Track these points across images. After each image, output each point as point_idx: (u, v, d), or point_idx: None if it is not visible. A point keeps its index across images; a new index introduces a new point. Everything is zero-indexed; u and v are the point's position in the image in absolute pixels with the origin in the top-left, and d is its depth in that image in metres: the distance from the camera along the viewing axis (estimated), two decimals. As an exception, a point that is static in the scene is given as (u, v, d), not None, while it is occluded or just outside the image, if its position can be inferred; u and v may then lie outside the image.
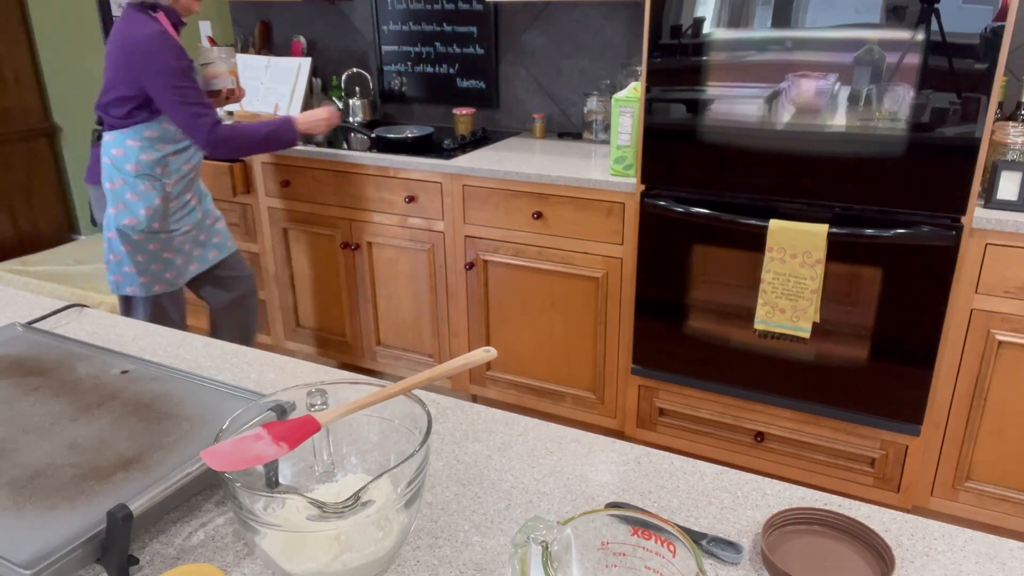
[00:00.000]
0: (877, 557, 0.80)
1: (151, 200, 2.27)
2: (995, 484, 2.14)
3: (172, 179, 2.29)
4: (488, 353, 0.85)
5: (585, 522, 0.66)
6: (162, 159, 2.25)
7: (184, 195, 2.35)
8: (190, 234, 2.41)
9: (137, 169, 2.24)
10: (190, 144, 2.30)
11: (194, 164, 2.36)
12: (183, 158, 2.31)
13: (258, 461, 0.74)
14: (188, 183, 2.35)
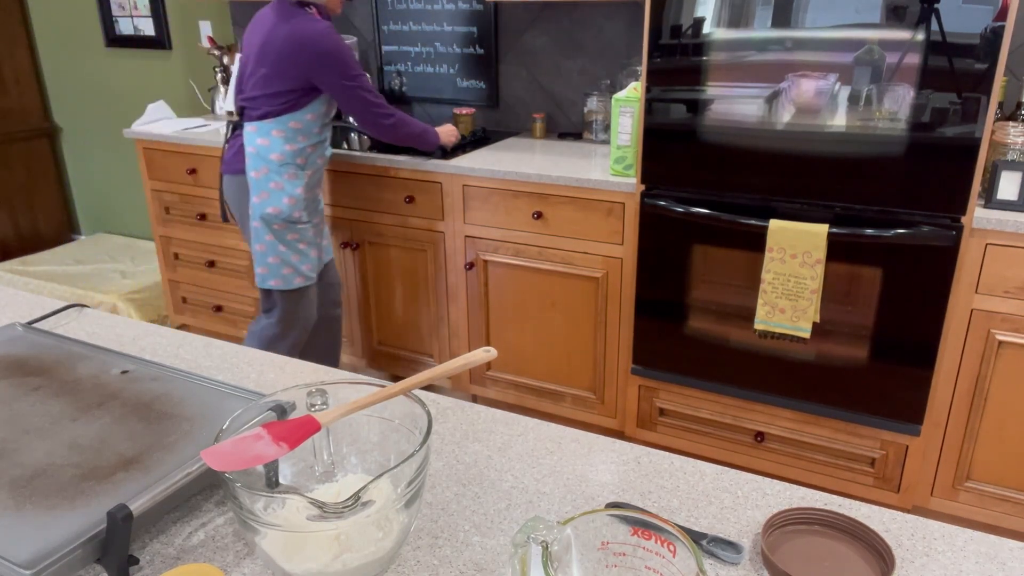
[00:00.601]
0: (877, 557, 0.80)
1: (293, 189, 2.33)
2: (995, 484, 2.14)
3: (310, 170, 2.36)
4: (488, 353, 0.85)
5: (585, 522, 0.66)
6: (302, 150, 2.33)
7: (316, 188, 2.44)
8: (320, 227, 2.51)
9: (281, 159, 2.30)
10: (325, 138, 2.42)
11: (327, 158, 2.46)
12: (319, 151, 2.39)
13: (258, 461, 0.74)
14: (320, 176, 2.45)
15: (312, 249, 2.46)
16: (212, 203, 3.16)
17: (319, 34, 2.20)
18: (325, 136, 2.43)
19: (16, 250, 4.28)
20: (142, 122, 3.30)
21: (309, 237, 2.43)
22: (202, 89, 3.74)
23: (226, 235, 3.18)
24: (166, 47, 3.78)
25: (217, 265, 3.26)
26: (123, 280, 3.65)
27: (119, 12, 3.85)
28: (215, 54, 3.43)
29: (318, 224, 2.50)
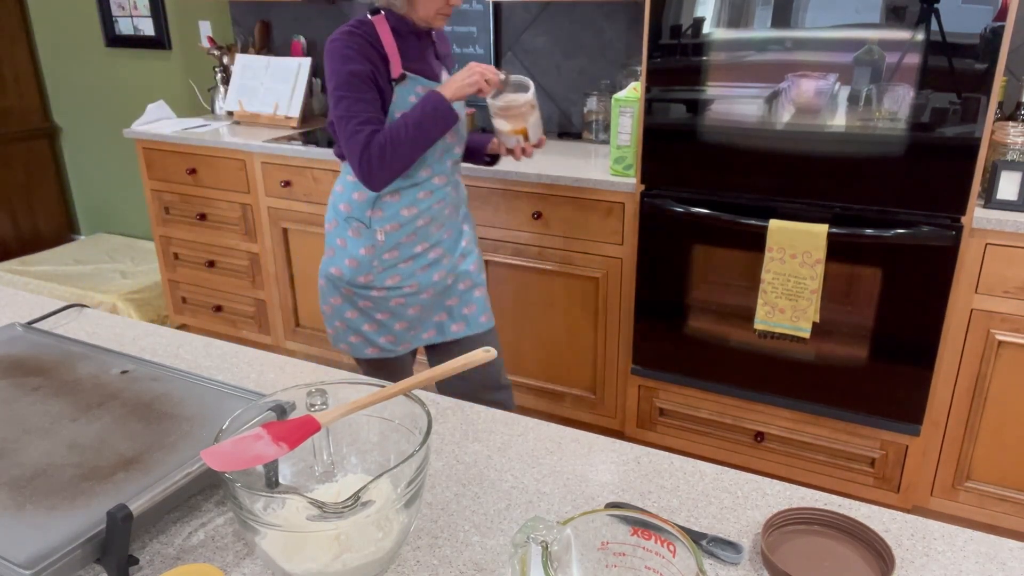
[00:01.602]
0: (877, 557, 0.80)
1: (355, 250, 1.84)
2: (995, 484, 2.14)
3: (386, 226, 1.81)
4: (488, 353, 0.85)
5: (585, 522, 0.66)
6: (375, 201, 1.81)
7: (409, 246, 1.84)
8: (420, 296, 1.89)
9: (348, 210, 1.84)
10: (418, 183, 1.80)
11: (423, 210, 1.83)
12: (403, 202, 1.80)
13: (258, 461, 0.74)
14: (415, 233, 1.83)
15: (398, 321, 1.90)
16: (212, 203, 3.16)
17: (329, 40, 1.71)
18: (416, 180, 1.80)
19: (16, 250, 4.28)
20: (142, 122, 3.30)
21: (393, 307, 1.87)
22: (202, 89, 3.74)
23: (226, 235, 3.18)
24: (166, 47, 3.78)
25: (217, 265, 3.26)
26: (123, 280, 3.65)
27: (119, 12, 3.85)
28: (215, 54, 3.43)
29: (418, 293, 1.88)
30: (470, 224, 2.00)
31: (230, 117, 3.40)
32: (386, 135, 1.65)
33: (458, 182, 1.93)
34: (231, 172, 3.04)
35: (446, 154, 1.84)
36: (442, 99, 1.67)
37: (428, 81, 1.75)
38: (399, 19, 1.71)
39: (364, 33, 1.68)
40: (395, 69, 1.71)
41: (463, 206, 1.97)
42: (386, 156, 1.67)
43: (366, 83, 1.67)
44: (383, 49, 1.70)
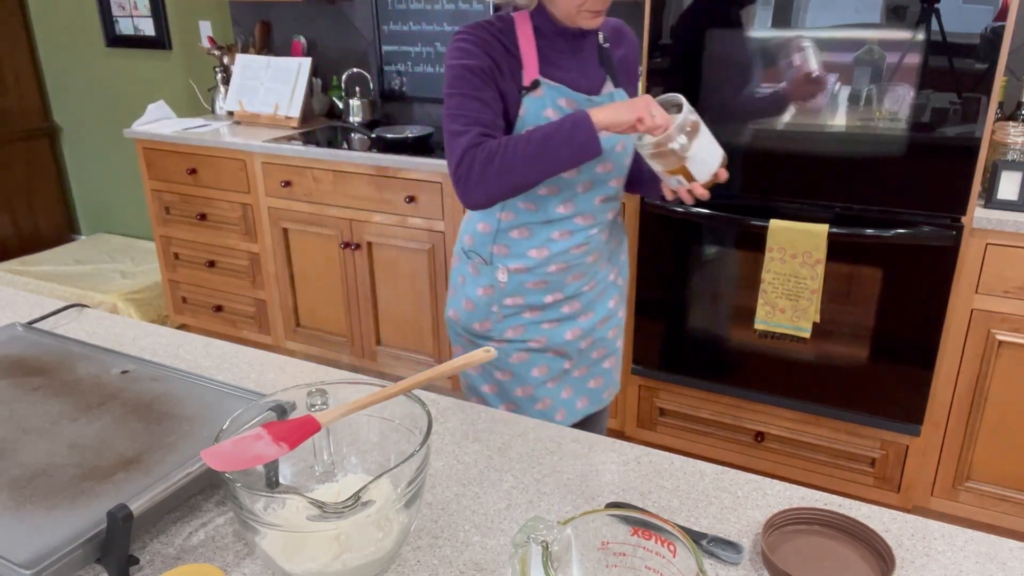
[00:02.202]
0: (877, 557, 0.80)
1: (473, 290, 1.52)
2: (995, 484, 2.14)
3: (510, 265, 1.47)
4: (488, 353, 0.85)
5: (585, 522, 0.66)
6: (501, 234, 1.47)
7: (537, 295, 1.47)
8: (546, 355, 1.51)
9: (471, 243, 1.53)
10: (551, 220, 1.43)
11: (556, 254, 1.44)
12: (533, 241, 1.45)
13: (258, 461, 0.74)
14: (545, 280, 1.46)
15: (519, 386, 1.53)
16: (212, 203, 3.16)
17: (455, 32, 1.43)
18: (549, 216, 1.42)
19: (16, 250, 4.28)
20: (142, 122, 3.30)
21: (511, 365, 1.51)
22: (202, 89, 3.74)
23: (226, 235, 3.18)
24: (166, 47, 3.78)
25: (217, 265, 3.26)
26: (123, 280, 3.65)
27: (119, 12, 3.85)
28: (215, 54, 3.43)
29: (545, 351, 1.51)
30: (624, 277, 1.61)
31: (230, 117, 3.40)
32: (499, 143, 1.29)
33: (613, 225, 1.51)
34: (231, 172, 3.04)
35: (594, 188, 1.42)
36: (587, 121, 1.25)
37: (575, 93, 1.37)
38: (544, 17, 1.37)
39: (496, 28, 1.38)
40: (528, 73, 1.35)
41: (620, 254, 1.57)
42: (490, 168, 1.28)
43: (483, 80, 1.34)
44: (517, 49, 1.37)
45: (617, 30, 1.50)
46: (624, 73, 1.50)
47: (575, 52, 1.41)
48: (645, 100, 1.25)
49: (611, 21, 1.50)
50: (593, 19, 1.34)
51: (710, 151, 1.28)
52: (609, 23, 1.49)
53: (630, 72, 1.52)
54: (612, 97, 1.43)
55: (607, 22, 1.48)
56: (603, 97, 1.41)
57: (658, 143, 1.24)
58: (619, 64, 1.48)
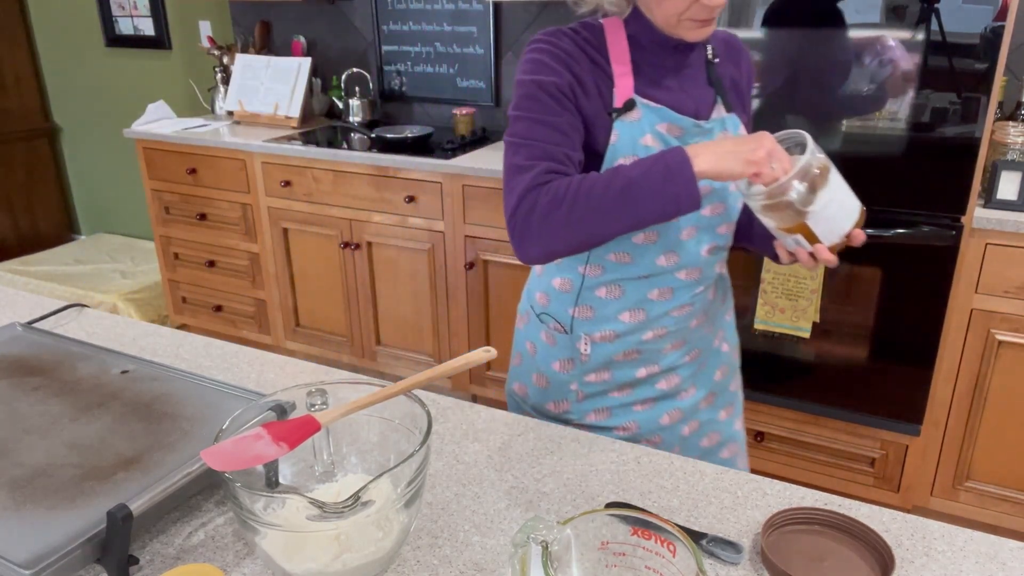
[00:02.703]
0: (877, 557, 0.80)
1: (547, 363, 1.23)
2: (995, 484, 2.14)
3: (596, 333, 1.18)
4: (488, 353, 0.85)
5: (585, 522, 0.66)
6: (585, 293, 1.18)
7: (628, 368, 1.20)
8: (639, 445, 1.12)
9: (544, 303, 1.23)
10: (651, 275, 1.15)
11: (654, 318, 1.16)
12: (626, 301, 1.16)
13: (258, 461, 0.74)
14: (639, 350, 1.18)
15: None
16: (212, 203, 3.16)
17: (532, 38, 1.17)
18: (648, 270, 1.14)
19: (16, 250, 4.28)
20: (142, 122, 3.30)
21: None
22: (202, 89, 3.74)
23: (226, 235, 3.18)
24: (166, 47, 3.78)
25: (217, 265, 3.26)
26: (123, 280, 3.65)
27: (119, 12, 3.85)
28: (215, 54, 3.43)
29: (631, 440, 1.22)
30: (732, 344, 1.31)
31: (230, 117, 3.40)
32: (568, 185, 1.01)
33: (719, 280, 1.24)
34: (231, 172, 3.04)
35: (701, 236, 1.14)
36: (685, 166, 0.97)
37: (679, 117, 1.11)
38: (641, 24, 1.12)
39: (581, 36, 1.14)
40: (621, 92, 1.10)
41: (724, 314, 1.28)
42: (555, 217, 1.01)
43: (559, 101, 1.08)
44: (608, 62, 1.12)
45: (729, 44, 1.22)
46: (736, 97, 1.22)
47: (678, 68, 1.14)
48: (764, 142, 0.96)
49: (721, 34, 1.23)
50: (697, 30, 1.07)
51: (841, 206, 0.99)
52: (719, 36, 1.22)
53: (742, 95, 1.23)
54: (724, 125, 1.14)
55: (716, 35, 1.21)
56: (713, 123, 1.13)
57: (771, 193, 0.97)
58: (730, 85, 1.21)
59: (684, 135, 1.11)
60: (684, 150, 0.98)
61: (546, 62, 1.10)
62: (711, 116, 1.16)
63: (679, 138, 1.11)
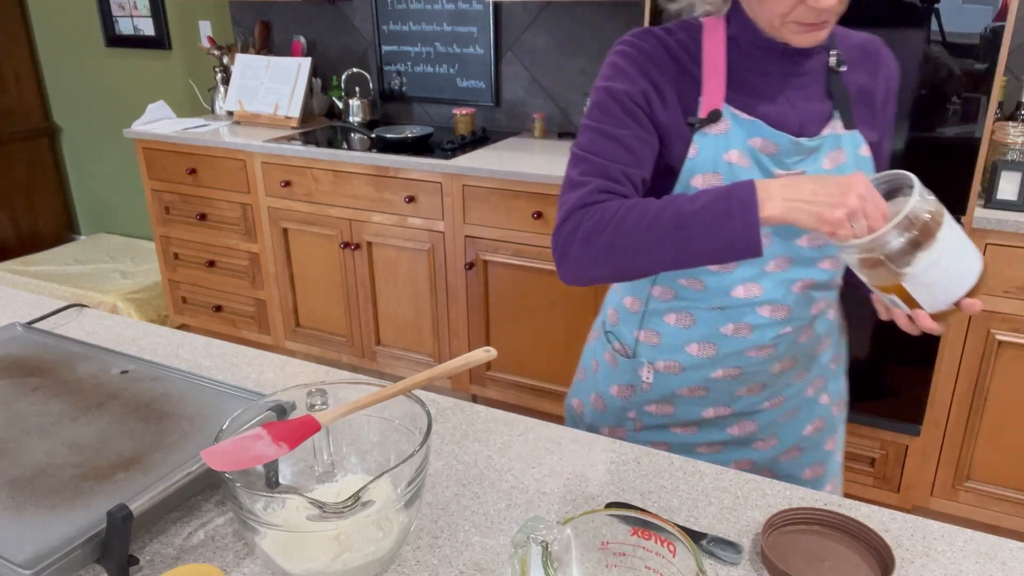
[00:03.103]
0: (877, 557, 0.80)
1: (606, 385, 1.15)
2: (995, 484, 2.14)
3: (659, 362, 1.08)
4: (488, 353, 0.85)
5: (585, 522, 0.66)
6: (651, 316, 1.08)
7: (693, 406, 1.09)
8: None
9: (614, 320, 1.14)
10: (725, 308, 1.03)
11: (727, 355, 1.04)
12: (696, 331, 1.05)
13: (258, 461, 0.74)
14: (706, 387, 1.07)
15: None
16: (212, 203, 3.16)
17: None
18: (722, 301, 1.02)
19: (16, 250, 4.28)
20: (142, 122, 3.30)
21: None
22: (202, 89, 3.74)
23: (226, 235, 3.18)
24: (166, 47, 3.78)
25: (217, 265, 3.26)
26: (123, 280, 3.65)
27: (119, 12, 3.85)
28: (215, 54, 3.43)
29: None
30: (836, 395, 1.17)
31: (230, 117, 3.40)
32: (617, 209, 0.93)
33: (819, 321, 1.08)
34: (231, 172, 3.04)
35: (793, 269, 1.01)
36: (751, 207, 0.86)
37: (775, 133, 0.98)
38: (743, 23, 1.00)
39: (675, 37, 1.04)
40: (708, 100, 0.98)
41: (825, 361, 1.14)
42: (597, 242, 0.93)
43: (627, 111, 0.99)
44: (697, 66, 1.01)
45: (865, 50, 1.07)
46: (865, 110, 1.05)
47: (785, 76, 1.00)
48: (850, 194, 0.83)
49: (859, 37, 1.07)
50: (803, 34, 0.93)
51: (947, 269, 0.81)
52: (854, 39, 1.07)
53: (874, 109, 1.06)
54: (838, 143, 1.00)
55: (851, 38, 1.07)
56: (822, 140, 0.99)
57: (863, 246, 0.81)
58: (859, 96, 1.05)
59: (780, 153, 0.98)
60: (756, 188, 0.86)
61: (622, 67, 1.02)
62: (821, 132, 1.01)
63: (774, 156, 0.98)
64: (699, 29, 1.03)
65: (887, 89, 1.08)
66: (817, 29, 0.93)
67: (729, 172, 0.97)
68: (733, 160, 0.97)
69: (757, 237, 0.86)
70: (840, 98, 1.03)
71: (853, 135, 1.02)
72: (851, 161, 1.02)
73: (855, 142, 1.02)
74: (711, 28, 1.02)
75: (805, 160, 0.99)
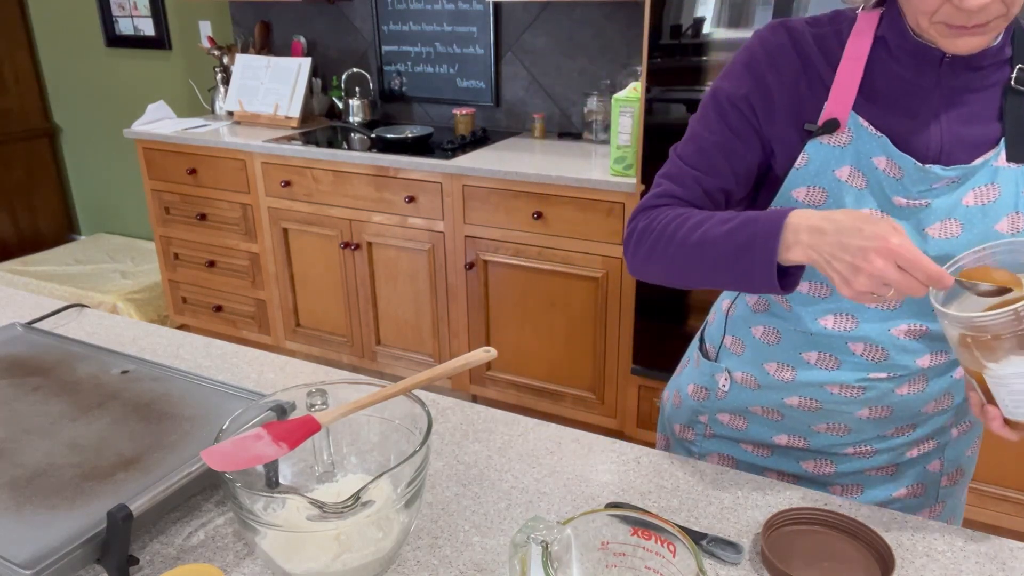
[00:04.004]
0: (877, 557, 0.80)
1: (686, 381, 1.14)
2: (995, 484, 2.14)
3: (740, 373, 1.03)
4: (488, 353, 0.85)
5: (585, 522, 0.66)
6: (738, 323, 1.04)
7: (764, 427, 1.03)
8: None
9: (713, 318, 1.15)
10: (813, 334, 0.94)
11: (809, 384, 0.96)
12: (784, 350, 0.97)
13: (258, 461, 0.74)
14: (780, 411, 1.00)
15: None
16: (212, 203, 3.16)
17: None
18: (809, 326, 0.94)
19: (16, 250, 4.28)
20: (142, 122, 3.30)
21: None
22: (202, 89, 3.74)
23: (226, 235, 3.18)
24: (166, 47, 3.78)
25: (217, 265, 3.26)
26: (123, 280, 3.65)
27: (119, 12, 3.85)
28: (215, 54, 3.43)
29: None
30: (952, 456, 1.02)
31: (230, 117, 3.40)
32: (664, 219, 0.91)
33: (935, 377, 0.93)
34: (231, 172, 3.04)
35: (897, 310, 0.89)
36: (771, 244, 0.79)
37: (899, 154, 0.85)
38: (893, 21, 0.86)
39: (819, 31, 0.90)
40: (832, 106, 0.87)
41: (937, 416, 0.97)
42: (642, 248, 0.93)
43: (722, 114, 0.92)
44: (832, 66, 0.89)
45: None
46: None
47: (944, 89, 0.85)
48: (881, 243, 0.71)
49: None
50: (954, 39, 0.78)
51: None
52: None
53: None
54: (993, 177, 0.83)
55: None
56: (963, 171, 0.83)
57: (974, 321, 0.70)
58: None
59: (905, 178, 0.84)
60: (785, 222, 0.77)
61: (735, 65, 0.93)
62: (973, 161, 0.84)
63: (898, 181, 0.84)
64: (851, 23, 0.89)
65: None
66: (971, 34, 0.77)
67: (836, 189, 0.87)
68: (843, 177, 0.86)
69: (773, 276, 0.79)
70: (1015, 124, 0.84)
71: (1021, 170, 0.84)
72: (1008, 201, 0.83)
73: (1022, 179, 0.84)
74: (863, 23, 0.88)
75: (939, 191, 0.84)
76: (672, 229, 0.88)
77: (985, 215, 0.84)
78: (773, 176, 0.93)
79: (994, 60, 0.84)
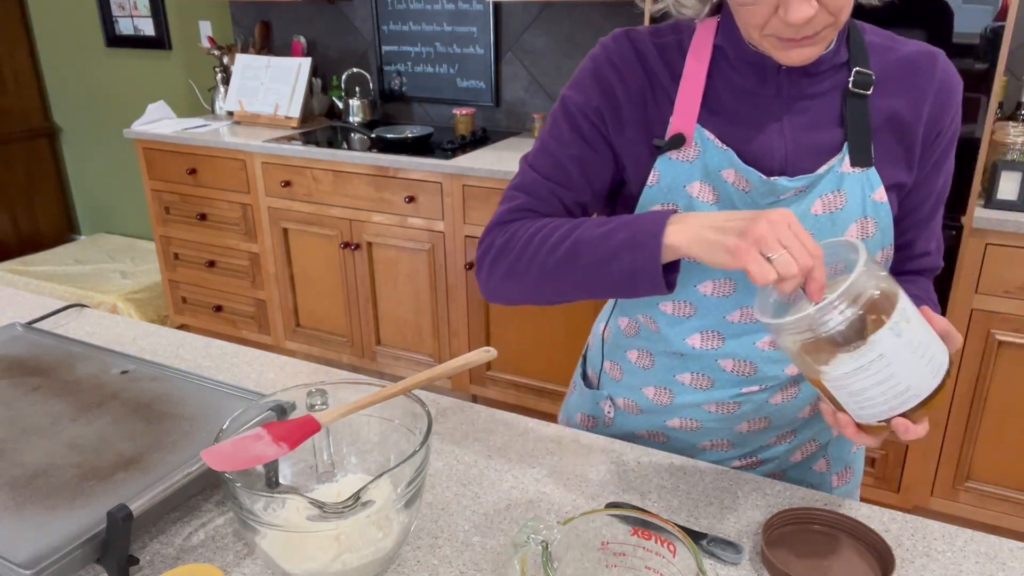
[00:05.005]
0: (877, 557, 0.80)
1: (575, 409, 1.15)
2: (995, 484, 2.14)
3: (621, 399, 1.03)
4: (488, 353, 0.85)
5: (585, 522, 0.66)
6: (615, 349, 1.03)
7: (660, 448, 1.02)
8: None
9: (591, 342, 1.11)
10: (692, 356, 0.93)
11: (687, 406, 0.97)
12: (658, 374, 0.97)
13: (258, 461, 0.74)
14: (670, 435, 1.01)
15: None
16: (212, 203, 3.16)
17: None
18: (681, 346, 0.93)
19: (16, 250, 4.28)
20: (142, 122, 3.30)
21: None
22: (202, 89, 3.74)
23: (226, 235, 3.18)
24: (166, 47, 3.78)
25: (217, 265, 3.26)
26: (123, 280, 3.65)
27: (119, 12, 3.85)
28: (215, 54, 3.43)
29: None
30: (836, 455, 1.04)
31: (230, 117, 3.40)
32: (527, 229, 0.87)
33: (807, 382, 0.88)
34: (231, 172, 3.04)
35: (758, 323, 0.89)
36: (655, 236, 0.76)
37: (746, 168, 0.84)
38: (729, 32, 0.85)
39: (660, 40, 0.88)
40: (678, 120, 0.85)
41: (815, 419, 0.98)
42: (500, 263, 0.88)
43: (574, 126, 0.89)
44: (675, 79, 0.87)
45: (914, 67, 0.85)
46: (896, 143, 0.86)
47: (783, 97, 0.85)
48: (759, 222, 0.69)
49: (908, 48, 0.86)
50: (786, 50, 0.77)
51: (879, 381, 0.65)
52: (900, 52, 0.86)
53: (911, 142, 0.86)
54: (838, 184, 0.83)
55: (895, 50, 0.86)
56: (807, 180, 0.83)
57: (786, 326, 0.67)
58: (888, 125, 0.85)
59: (752, 191, 0.83)
60: (669, 217, 0.76)
61: (583, 76, 0.90)
62: (818, 169, 0.83)
63: (747, 193, 0.83)
64: (691, 33, 0.87)
65: (939, 117, 0.86)
66: (801, 45, 0.76)
67: (688, 206, 0.85)
68: (694, 193, 0.84)
69: (657, 271, 0.76)
70: (856, 128, 0.83)
71: (865, 175, 0.83)
72: (855, 207, 0.83)
73: (867, 183, 0.83)
74: (701, 34, 0.86)
75: (787, 201, 0.83)
76: (541, 238, 0.84)
77: (834, 223, 0.84)
78: (627, 192, 0.90)
79: (830, 65, 0.84)
